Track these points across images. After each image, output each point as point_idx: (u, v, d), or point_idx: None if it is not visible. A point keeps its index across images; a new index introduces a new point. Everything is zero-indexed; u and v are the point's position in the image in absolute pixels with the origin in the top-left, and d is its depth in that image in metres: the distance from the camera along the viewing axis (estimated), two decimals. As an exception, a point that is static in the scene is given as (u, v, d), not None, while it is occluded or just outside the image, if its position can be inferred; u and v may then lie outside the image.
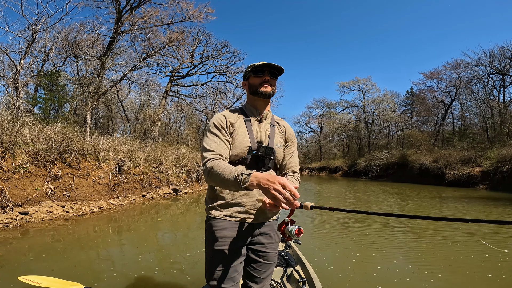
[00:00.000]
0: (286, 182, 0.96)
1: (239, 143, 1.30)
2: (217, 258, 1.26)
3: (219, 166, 1.14)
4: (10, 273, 3.00)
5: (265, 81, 1.35)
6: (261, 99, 1.38)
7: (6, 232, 4.43)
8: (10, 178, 5.20)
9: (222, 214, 1.30)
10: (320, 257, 3.71)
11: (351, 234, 5.23)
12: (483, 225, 5.44)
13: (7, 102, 9.96)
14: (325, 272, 3.17)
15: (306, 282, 2.06)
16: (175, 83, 23.65)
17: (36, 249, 3.82)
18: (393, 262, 3.69)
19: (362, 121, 38.00)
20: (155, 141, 16.82)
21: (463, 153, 18.91)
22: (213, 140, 1.27)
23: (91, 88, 12.90)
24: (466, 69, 25.94)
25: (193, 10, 17.30)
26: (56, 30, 13.94)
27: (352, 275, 3.16)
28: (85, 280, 2.86)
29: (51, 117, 19.09)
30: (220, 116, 1.33)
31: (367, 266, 3.46)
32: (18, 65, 10.90)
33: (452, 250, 4.18)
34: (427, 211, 8.00)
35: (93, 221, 5.55)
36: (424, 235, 5.19)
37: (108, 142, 9.02)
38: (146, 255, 3.78)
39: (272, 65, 1.35)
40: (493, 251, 3.91)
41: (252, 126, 1.37)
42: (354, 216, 6.45)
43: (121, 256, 3.83)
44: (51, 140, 6.39)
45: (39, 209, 5.30)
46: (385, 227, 5.68)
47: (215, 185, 1.26)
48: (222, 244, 1.27)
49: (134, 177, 8.54)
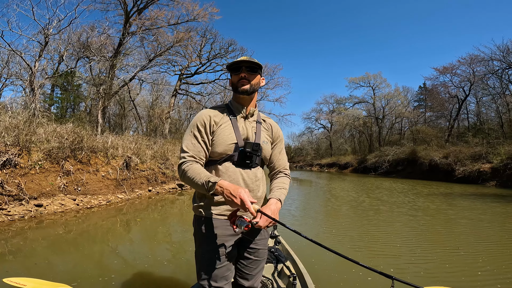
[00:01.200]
0: (245, 199, 1.07)
1: (223, 141, 1.30)
2: (209, 257, 1.26)
3: (191, 170, 1.21)
4: (23, 263, 3.42)
5: (242, 78, 1.34)
6: (244, 96, 1.38)
7: (22, 223, 4.92)
8: (27, 173, 5.73)
9: (212, 213, 1.29)
10: (309, 253, 3.63)
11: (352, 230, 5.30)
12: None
13: (24, 103, 10.66)
14: (314, 267, 3.18)
15: (296, 277, 2.06)
16: (184, 81, 24.17)
17: (49, 238, 4.25)
18: (388, 257, 3.73)
19: (372, 117, 37.51)
20: (165, 139, 17.37)
21: (474, 149, 18.51)
22: (190, 140, 1.29)
23: (101, 88, 13.49)
24: (480, 64, 25.19)
25: (198, 10, 17.65)
26: (68, 32, 14.66)
27: (342, 270, 3.16)
28: (94, 268, 3.25)
29: (67, 116, 20.04)
30: (205, 115, 1.33)
31: None
32: (33, 68, 11.57)
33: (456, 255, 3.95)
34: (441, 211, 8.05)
35: (101, 213, 6.01)
36: (421, 234, 5.25)
37: (117, 140, 9.53)
38: (152, 245, 4.16)
39: (247, 60, 1.33)
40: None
41: (238, 123, 1.36)
42: (355, 216, 6.62)
43: (125, 246, 4.23)
44: (64, 139, 6.90)
45: (52, 201, 5.81)
46: (385, 226, 5.81)
47: (188, 185, 1.32)
48: (213, 243, 1.26)
49: (141, 172, 9.03)
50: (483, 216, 6.67)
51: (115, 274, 2.92)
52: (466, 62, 26.41)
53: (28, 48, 13.16)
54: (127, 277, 2.87)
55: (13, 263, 3.26)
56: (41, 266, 3.19)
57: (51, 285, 1.67)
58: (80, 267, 3.15)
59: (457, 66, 27.52)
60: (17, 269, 3.07)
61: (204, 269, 1.26)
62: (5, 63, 22.15)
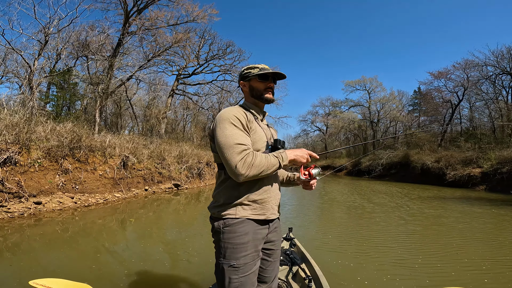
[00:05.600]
0: (310, 153, 1.36)
1: (259, 138, 1.32)
2: (240, 266, 1.19)
3: (258, 156, 1.19)
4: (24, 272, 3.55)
5: (270, 88, 1.39)
6: (260, 102, 1.42)
7: (21, 220, 5.03)
8: (26, 171, 5.83)
9: (245, 215, 1.25)
10: (325, 255, 3.59)
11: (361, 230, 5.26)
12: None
13: (22, 101, 10.70)
14: (331, 270, 3.13)
15: (312, 280, 2.02)
16: (181, 82, 24.31)
17: (47, 236, 4.36)
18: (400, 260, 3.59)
19: (367, 120, 37.98)
20: (161, 138, 17.47)
21: (465, 154, 18.92)
22: (240, 134, 1.22)
23: (100, 88, 13.57)
24: (475, 69, 25.71)
25: (198, 12, 17.82)
26: (67, 31, 14.72)
27: (360, 273, 3.10)
28: (94, 266, 3.40)
29: (62, 114, 20.00)
30: (240, 112, 1.29)
31: (374, 262, 3.40)
32: (32, 66, 11.62)
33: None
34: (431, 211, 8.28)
35: (98, 212, 6.13)
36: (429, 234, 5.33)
37: (115, 139, 9.64)
38: (147, 242, 4.30)
39: (278, 73, 1.39)
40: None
41: (260, 123, 1.40)
42: (356, 216, 6.80)
43: (121, 244, 4.37)
44: (63, 138, 7.00)
45: (50, 199, 5.92)
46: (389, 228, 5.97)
47: (256, 174, 1.18)
48: (245, 250, 1.21)
49: (138, 172, 9.15)
50: (481, 222, 6.90)
51: (110, 273, 3.00)
52: (460, 67, 26.92)
53: (27, 47, 13.21)
54: (122, 276, 2.90)
55: (13, 260, 3.40)
56: (41, 263, 3.32)
57: (74, 285, 1.77)
58: (75, 265, 3.25)
59: (452, 71, 28.06)
60: (23, 268, 3.20)
61: (232, 278, 1.17)
62: (2, 60, 22.08)
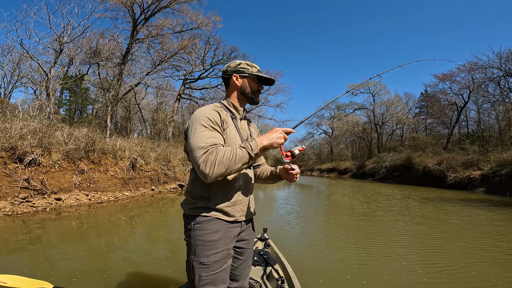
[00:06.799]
0: (285, 129, 1.20)
1: (233, 141, 1.27)
2: (210, 263, 1.19)
3: (223, 150, 1.11)
4: (41, 248, 4.21)
5: (260, 91, 1.42)
6: (246, 101, 1.41)
7: (44, 214, 5.72)
8: (48, 171, 6.58)
9: (216, 214, 1.23)
10: (299, 256, 3.64)
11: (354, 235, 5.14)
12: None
13: (40, 107, 11.56)
14: (303, 271, 3.14)
15: (285, 280, 2.06)
16: (188, 86, 25.14)
17: (63, 228, 5.03)
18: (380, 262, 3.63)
19: (372, 123, 38.15)
20: (168, 142, 18.24)
21: (466, 157, 19.09)
22: (209, 134, 1.17)
23: (110, 94, 14.41)
24: (480, 71, 25.56)
25: (202, 19, 18.58)
26: (80, 40, 15.67)
27: (332, 274, 3.14)
28: (98, 255, 4.03)
29: (75, 118, 21.04)
30: (213, 112, 1.25)
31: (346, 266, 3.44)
32: (49, 74, 12.52)
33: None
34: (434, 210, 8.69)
35: (109, 208, 6.81)
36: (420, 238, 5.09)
37: (124, 143, 10.38)
38: (152, 238, 4.92)
39: (272, 80, 1.41)
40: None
41: (238, 124, 1.36)
42: (356, 219, 7.25)
43: (129, 239, 5.01)
44: (79, 141, 7.75)
45: (69, 196, 6.64)
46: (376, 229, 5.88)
47: (224, 172, 1.10)
48: (215, 248, 1.21)
49: (145, 173, 9.85)
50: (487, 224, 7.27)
51: (115, 267, 3.16)
52: (465, 69, 26.73)
53: (43, 54, 14.17)
54: (125, 271, 3.01)
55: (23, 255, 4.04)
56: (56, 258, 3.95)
57: (31, 282, 1.69)
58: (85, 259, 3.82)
59: (456, 74, 28.00)
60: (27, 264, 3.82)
61: (201, 275, 1.18)
62: (16, 64, 23.30)
